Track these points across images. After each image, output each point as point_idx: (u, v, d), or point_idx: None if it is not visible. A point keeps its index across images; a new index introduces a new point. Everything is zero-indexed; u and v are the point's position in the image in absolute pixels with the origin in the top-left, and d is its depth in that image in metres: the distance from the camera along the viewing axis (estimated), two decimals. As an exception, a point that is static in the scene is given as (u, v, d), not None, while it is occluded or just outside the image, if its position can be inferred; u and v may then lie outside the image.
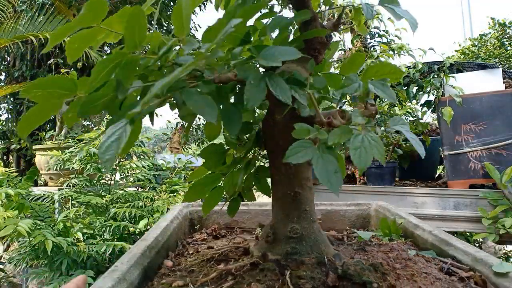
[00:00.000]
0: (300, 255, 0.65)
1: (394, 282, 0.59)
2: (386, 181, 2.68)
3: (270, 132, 0.68)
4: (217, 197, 0.75)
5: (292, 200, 0.67)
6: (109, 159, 0.45)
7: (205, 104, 0.49)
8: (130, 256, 0.65)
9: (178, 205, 1.12)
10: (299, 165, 0.67)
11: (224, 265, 0.69)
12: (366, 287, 0.55)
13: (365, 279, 0.56)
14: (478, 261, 0.66)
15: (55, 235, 2.05)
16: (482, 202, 2.24)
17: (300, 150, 0.52)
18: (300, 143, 0.53)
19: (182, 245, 0.87)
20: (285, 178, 0.67)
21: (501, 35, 7.90)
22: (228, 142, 0.74)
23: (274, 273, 0.59)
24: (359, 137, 0.53)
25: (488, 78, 2.49)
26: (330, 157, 0.52)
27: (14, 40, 3.64)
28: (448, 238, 0.77)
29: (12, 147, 4.22)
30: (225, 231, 1.03)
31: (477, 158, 2.38)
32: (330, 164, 0.52)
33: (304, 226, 0.67)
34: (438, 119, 2.56)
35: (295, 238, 0.66)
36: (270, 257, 0.65)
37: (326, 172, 0.51)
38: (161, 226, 0.86)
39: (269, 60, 0.52)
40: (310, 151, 0.52)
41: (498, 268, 0.62)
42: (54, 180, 3.17)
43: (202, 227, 1.07)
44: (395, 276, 0.62)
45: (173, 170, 3.27)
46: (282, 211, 0.68)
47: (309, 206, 0.69)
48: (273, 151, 0.68)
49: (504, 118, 2.33)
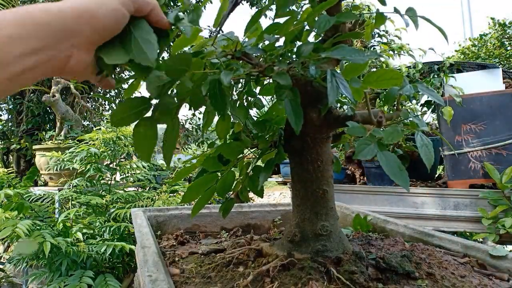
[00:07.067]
0: (330, 252, 0.66)
1: (429, 270, 0.61)
2: (386, 181, 2.67)
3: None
4: (208, 198, 0.74)
5: (320, 198, 0.68)
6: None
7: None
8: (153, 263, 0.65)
9: (136, 209, 1.08)
10: (325, 164, 0.69)
11: (244, 268, 0.68)
12: (410, 276, 0.58)
13: (408, 269, 0.58)
14: (469, 247, 0.70)
15: (55, 235, 2.05)
16: (482, 202, 2.24)
17: (365, 147, 0.53)
18: (363, 140, 0.54)
19: (162, 252, 0.86)
20: (313, 176, 0.68)
21: (501, 35, 7.89)
22: (245, 142, 0.74)
23: (318, 270, 0.60)
24: (418, 136, 0.56)
25: (488, 78, 2.49)
26: (390, 154, 0.53)
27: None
28: (427, 230, 0.80)
29: (12, 147, 4.22)
30: (188, 236, 1.00)
31: (477, 158, 2.38)
32: (393, 160, 0.52)
33: (332, 223, 0.69)
34: (438, 119, 2.55)
35: (325, 236, 0.67)
36: (297, 256, 0.65)
37: (392, 168, 0.52)
38: (144, 232, 0.84)
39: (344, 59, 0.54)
40: (374, 148, 0.53)
41: (495, 252, 0.67)
42: (54, 180, 3.17)
43: (164, 233, 1.04)
44: (426, 265, 0.64)
45: (173, 170, 3.27)
46: (310, 209, 0.69)
47: (333, 204, 0.70)
48: (301, 150, 0.69)
49: (504, 118, 2.33)
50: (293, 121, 0.54)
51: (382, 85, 0.62)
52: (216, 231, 1.07)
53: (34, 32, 0.38)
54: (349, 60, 0.54)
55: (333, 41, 0.62)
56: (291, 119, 0.55)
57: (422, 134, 0.57)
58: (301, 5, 0.69)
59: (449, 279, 0.60)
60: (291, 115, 0.55)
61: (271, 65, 0.57)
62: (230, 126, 0.71)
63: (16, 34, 0.37)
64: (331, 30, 0.65)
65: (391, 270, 0.60)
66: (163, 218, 1.07)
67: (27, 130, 4.25)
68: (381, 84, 0.62)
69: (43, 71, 0.41)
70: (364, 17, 0.78)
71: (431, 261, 0.65)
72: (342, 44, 0.57)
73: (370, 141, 0.53)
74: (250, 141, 0.73)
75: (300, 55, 0.56)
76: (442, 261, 0.66)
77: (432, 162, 0.54)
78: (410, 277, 0.60)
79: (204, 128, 0.65)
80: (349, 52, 0.52)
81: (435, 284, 0.59)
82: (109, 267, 2.27)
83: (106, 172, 2.73)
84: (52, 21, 0.39)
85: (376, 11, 0.60)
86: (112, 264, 2.28)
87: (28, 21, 0.38)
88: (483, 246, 0.71)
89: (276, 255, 0.68)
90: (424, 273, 0.61)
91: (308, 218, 0.69)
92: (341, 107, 0.88)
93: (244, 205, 1.13)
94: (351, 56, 0.52)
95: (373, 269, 0.61)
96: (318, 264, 0.61)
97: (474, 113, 2.40)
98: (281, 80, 0.53)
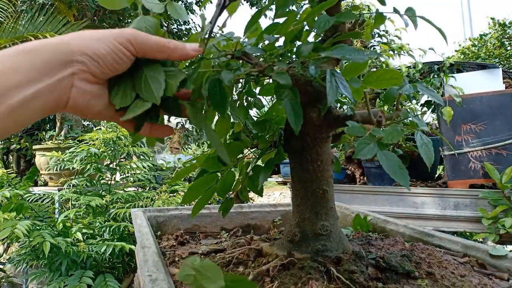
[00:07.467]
0: (330, 251, 0.66)
1: (428, 269, 0.61)
2: (386, 181, 2.67)
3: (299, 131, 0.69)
4: (208, 198, 0.74)
5: (320, 198, 0.69)
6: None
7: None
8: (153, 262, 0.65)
9: (135, 209, 1.08)
10: (325, 164, 0.69)
11: (244, 268, 0.68)
12: (410, 276, 0.58)
13: (408, 269, 0.59)
14: (469, 247, 0.70)
15: (55, 235, 2.05)
16: (482, 202, 2.24)
17: (364, 146, 0.53)
18: (363, 140, 0.54)
19: (162, 252, 0.86)
20: (313, 176, 0.69)
21: (501, 35, 7.89)
22: (245, 142, 0.74)
23: (318, 270, 0.60)
24: (418, 135, 0.56)
25: (488, 78, 2.49)
26: (390, 153, 0.53)
27: (14, 40, 3.64)
28: (427, 230, 0.80)
29: (12, 147, 4.22)
30: (188, 236, 1.00)
31: (477, 158, 2.38)
32: (393, 159, 0.52)
33: (332, 223, 0.69)
34: (438, 119, 2.55)
35: (325, 236, 0.67)
36: (297, 256, 0.65)
37: (393, 167, 0.52)
38: (144, 232, 0.84)
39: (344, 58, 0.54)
40: (374, 147, 0.53)
41: (495, 252, 0.67)
42: (54, 180, 3.17)
43: (164, 233, 1.05)
44: (426, 264, 0.64)
45: (173, 170, 3.27)
46: (310, 209, 0.69)
47: (333, 204, 0.70)
48: (301, 150, 0.69)
49: (504, 118, 2.33)
50: (293, 121, 0.54)
51: (382, 85, 0.62)
52: (216, 232, 1.07)
53: (30, 63, 0.38)
54: (348, 60, 0.54)
55: (332, 41, 0.62)
56: (290, 119, 0.55)
57: (421, 134, 0.57)
58: (301, 5, 0.69)
59: (449, 278, 0.60)
60: (290, 115, 0.55)
61: (271, 65, 0.57)
62: (230, 126, 0.71)
63: (13, 66, 0.37)
64: (330, 30, 0.65)
65: (391, 269, 0.60)
66: (163, 218, 1.07)
67: (27, 130, 4.25)
68: (381, 84, 0.62)
69: (45, 104, 0.39)
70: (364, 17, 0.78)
71: (431, 261, 0.65)
72: (342, 44, 0.57)
73: (370, 141, 0.53)
74: (250, 141, 0.73)
75: (299, 55, 0.56)
76: (442, 260, 0.66)
77: (432, 160, 0.54)
78: (410, 277, 0.60)
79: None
80: (348, 52, 0.52)
81: (435, 283, 0.59)
82: (109, 267, 2.27)
83: (106, 172, 2.73)
84: (49, 52, 0.39)
85: (376, 11, 0.60)
86: (112, 264, 2.28)
87: (26, 54, 0.38)
88: (483, 246, 0.71)
89: (276, 255, 0.68)
90: (424, 273, 0.61)
91: (308, 218, 0.69)
92: (341, 107, 0.88)
93: (244, 205, 1.13)
94: (351, 56, 0.52)
95: (373, 269, 0.61)
96: (318, 263, 0.61)
97: (474, 113, 2.40)
98: (281, 79, 0.53)
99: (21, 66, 0.37)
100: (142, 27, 0.49)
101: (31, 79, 0.37)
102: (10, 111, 0.36)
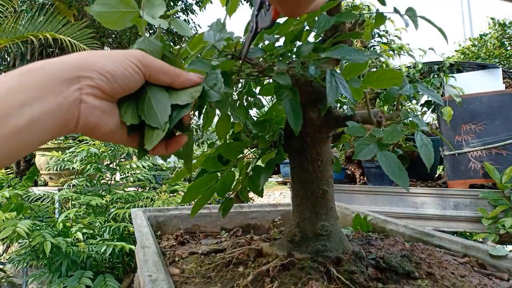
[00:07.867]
0: (330, 252, 0.66)
1: (428, 270, 0.61)
2: (386, 181, 2.67)
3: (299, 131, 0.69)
4: (208, 198, 0.74)
5: (320, 198, 0.69)
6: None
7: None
8: (153, 262, 0.65)
9: (135, 209, 1.08)
10: (325, 164, 0.69)
11: (244, 268, 0.68)
12: (410, 276, 0.58)
13: (408, 269, 0.59)
14: (469, 247, 0.70)
15: (55, 235, 2.05)
16: (482, 202, 2.24)
17: (364, 147, 0.53)
18: (363, 140, 0.54)
19: (162, 252, 0.86)
20: (313, 176, 0.69)
21: (501, 35, 7.89)
22: (245, 142, 0.74)
23: (318, 270, 0.60)
24: (418, 135, 0.56)
25: (488, 78, 2.49)
26: (390, 154, 0.53)
27: (14, 40, 3.64)
28: (427, 231, 0.80)
29: (12, 147, 4.21)
30: (188, 236, 1.00)
31: (477, 158, 2.38)
32: (393, 160, 0.52)
33: (332, 223, 0.69)
34: (438, 119, 2.55)
35: (325, 236, 0.67)
36: (297, 256, 0.65)
37: (392, 168, 0.52)
38: (144, 232, 0.84)
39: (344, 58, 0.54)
40: (373, 148, 0.53)
41: (495, 252, 0.68)
42: (54, 180, 3.17)
43: (164, 233, 1.05)
44: (426, 265, 0.65)
45: (173, 170, 3.27)
46: (310, 209, 0.69)
47: (333, 204, 0.70)
48: (301, 150, 0.69)
49: (504, 118, 2.33)
50: (293, 121, 0.54)
51: (382, 85, 0.62)
52: (216, 231, 1.07)
53: (34, 81, 0.37)
54: (348, 60, 0.54)
55: (333, 41, 0.62)
56: (290, 119, 0.54)
57: (421, 134, 0.56)
58: None
59: (449, 278, 0.60)
60: (290, 115, 0.55)
61: (271, 65, 0.57)
62: (230, 126, 0.71)
63: (16, 86, 0.36)
64: (331, 30, 0.65)
65: (391, 270, 0.60)
66: (163, 218, 1.07)
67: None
68: (381, 84, 0.62)
69: (54, 123, 0.38)
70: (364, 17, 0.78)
71: (431, 261, 0.66)
72: (342, 44, 0.57)
73: (370, 141, 0.53)
74: (250, 141, 0.73)
75: (300, 55, 0.56)
76: (442, 261, 0.66)
77: (431, 161, 0.54)
78: (410, 277, 0.60)
79: (204, 128, 0.65)
80: (348, 52, 0.52)
81: (435, 283, 0.59)
82: (109, 267, 2.27)
83: (106, 172, 2.73)
84: (53, 69, 0.38)
85: (376, 11, 0.60)
86: (112, 264, 2.28)
87: (29, 73, 0.37)
88: (483, 246, 0.71)
89: (276, 255, 0.68)
90: (424, 273, 0.61)
91: (308, 218, 0.69)
92: (341, 107, 0.88)
93: (244, 205, 1.13)
94: (351, 56, 0.52)
95: (373, 269, 0.61)
96: (318, 264, 0.61)
97: (474, 113, 2.40)
98: (281, 80, 0.53)
99: (25, 84, 0.36)
100: (146, 49, 0.48)
101: (35, 97, 0.36)
102: (16, 131, 0.35)
